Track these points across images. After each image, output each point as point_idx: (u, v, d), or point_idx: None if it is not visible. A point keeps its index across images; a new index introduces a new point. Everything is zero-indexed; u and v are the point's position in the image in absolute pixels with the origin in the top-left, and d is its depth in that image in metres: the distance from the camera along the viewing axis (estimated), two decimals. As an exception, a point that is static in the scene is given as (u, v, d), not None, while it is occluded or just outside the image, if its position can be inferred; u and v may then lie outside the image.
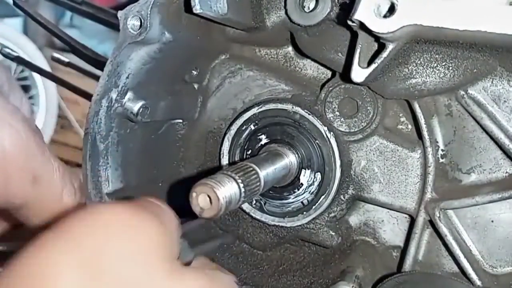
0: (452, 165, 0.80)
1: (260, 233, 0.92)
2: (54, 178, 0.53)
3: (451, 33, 0.60)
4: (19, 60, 2.50)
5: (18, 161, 0.47)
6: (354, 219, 0.90)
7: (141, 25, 0.74)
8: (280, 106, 0.86)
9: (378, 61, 0.66)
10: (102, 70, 0.77)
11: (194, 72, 0.90)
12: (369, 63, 0.68)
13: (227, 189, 0.60)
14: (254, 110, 0.87)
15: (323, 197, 0.85)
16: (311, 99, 0.86)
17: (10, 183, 0.47)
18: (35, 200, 0.51)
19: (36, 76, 3.80)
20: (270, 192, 0.87)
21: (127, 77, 0.77)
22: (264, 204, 0.88)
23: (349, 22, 0.65)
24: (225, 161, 0.90)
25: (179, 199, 0.91)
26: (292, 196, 0.86)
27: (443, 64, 0.72)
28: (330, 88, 0.84)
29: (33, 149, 0.49)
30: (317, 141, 0.83)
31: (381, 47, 0.66)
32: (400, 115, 0.85)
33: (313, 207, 0.85)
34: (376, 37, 0.65)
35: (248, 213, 0.90)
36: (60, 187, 0.55)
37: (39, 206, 0.53)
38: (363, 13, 0.62)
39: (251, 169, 0.68)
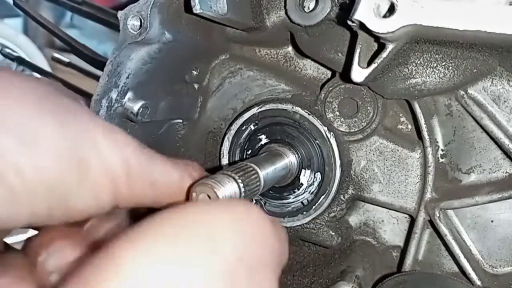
0: (452, 165, 0.80)
1: (260, 233, 0.92)
2: (172, 177, 0.58)
3: (450, 33, 0.60)
4: (19, 60, 2.51)
5: (138, 173, 0.53)
6: (354, 219, 0.90)
7: (141, 25, 0.74)
8: (280, 106, 0.86)
9: (378, 61, 0.66)
10: (102, 70, 0.77)
11: (194, 72, 0.90)
12: (369, 63, 0.68)
13: (227, 189, 0.60)
14: (254, 110, 0.88)
15: (323, 197, 0.85)
16: (311, 99, 0.86)
17: (134, 192, 0.53)
18: (158, 198, 0.57)
19: (36, 76, 3.80)
20: (270, 192, 0.87)
21: (127, 77, 0.77)
22: (264, 204, 0.88)
23: (349, 22, 0.65)
24: (225, 161, 0.91)
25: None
26: (292, 196, 0.86)
27: (443, 64, 0.72)
28: (330, 88, 0.84)
29: (146, 160, 0.55)
30: (317, 141, 0.84)
31: (381, 47, 0.66)
32: (400, 115, 0.85)
33: (313, 207, 0.86)
34: (376, 37, 0.65)
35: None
36: (178, 181, 0.59)
37: (162, 199, 0.58)
38: (363, 13, 0.62)
39: (251, 169, 0.68)
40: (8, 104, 0.44)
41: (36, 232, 0.52)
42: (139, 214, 0.57)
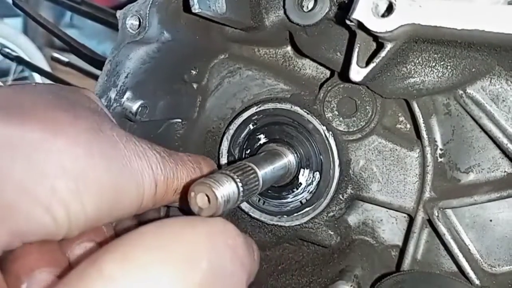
0: (450, 165, 0.80)
1: (259, 232, 0.92)
2: (191, 177, 0.66)
3: (448, 32, 0.60)
4: (18, 60, 2.51)
5: (164, 188, 0.61)
6: (353, 219, 0.90)
7: (140, 25, 0.75)
8: (279, 105, 0.86)
9: (376, 60, 0.66)
10: (101, 69, 0.77)
11: (193, 72, 0.91)
12: (368, 62, 0.68)
13: (226, 188, 0.60)
14: (253, 110, 0.87)
15: (321, 196, 0.85)
16: (310, 99, 0.86)
17: (158, 202, 0.62)
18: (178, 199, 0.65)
19: (36, 76, 3.80)
20: (269, 191, 0.87)
21: (126, 77, 0.77)
22: (263, 203, 0.88)
23: (348, 22, 0.65)
24: (224, 160, 0.90)
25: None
26: (290, 196, 0.86)
27: (442, 63, 0.72)
28: (329, 88, 0.84)
29: (171, 172, 0.62)
30: (316, 141, 0.84)
31: (380, 46, 0.66)
32: (399, 114, 0.85)
33: (312, 206, 0.86)
34: (375, 37, 0.65)
35: (247, 213, 0.90)
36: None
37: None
38: (361, 13, 0.62)
39: (250, 168, 0.68)
40: (64, 146, 0.51)
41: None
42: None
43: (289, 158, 0.83)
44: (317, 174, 0.84)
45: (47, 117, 0.52)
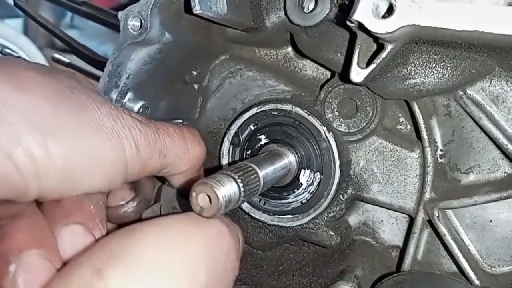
0: (451, 165, 0.80)
1: (259, 233, 0.92)
2: (175, 144, 0.68)
3: (449, 33, 0.60)
4: (19, 61, 2.50)
5: (147, 150, 0.61)
6: (353, 219, 0.91)
7: (141, 26, 0.75)
8: (279, 106, 0.86)
9: (377, 61, 0.67)
10: (102, 70, 0.77)
11: (194, 73, 0.91)
12: (368, 63, 0.68)
13: (227, 189, 0.60)
14: (254, 110, 0.88)
15: (322, 197, 0.85)
16: (310, 100, 0.86)
17: (145, 168, 0.62)
18: (167, 165, 0.67)
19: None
20: (270, 192, 0.87)
21: (128, 77, 0.77)
22: (264, 204, 0.89)
23: (348, 23, 0.66)
24: (225, 161, 0.91)
25: (179, 198, 0.92)
26: (291, 196, 0.87)
27: (442, 64, 0.73)
28: (330, 89, 0.84)
29: (153, 135, 0.63)
30: (316, 142, 0.84)
31: (380, 47, 0.66)
32: (399, 115, 0.85)
33: (313, 207, 0.86)
34: (375, 38, 0.65)
35: (248, 213, 0.90)
36: (183, 147, 0.70)
37: (171, 167, 0.69)
38: (361, 14, 0.63)
39: (251, 169, 0.69)
40: (31, 101, 0.50)
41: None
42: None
43: (290, 159, 0.83)
44: (318, 175, 0.85)
45: (17, 75, 0.52)
